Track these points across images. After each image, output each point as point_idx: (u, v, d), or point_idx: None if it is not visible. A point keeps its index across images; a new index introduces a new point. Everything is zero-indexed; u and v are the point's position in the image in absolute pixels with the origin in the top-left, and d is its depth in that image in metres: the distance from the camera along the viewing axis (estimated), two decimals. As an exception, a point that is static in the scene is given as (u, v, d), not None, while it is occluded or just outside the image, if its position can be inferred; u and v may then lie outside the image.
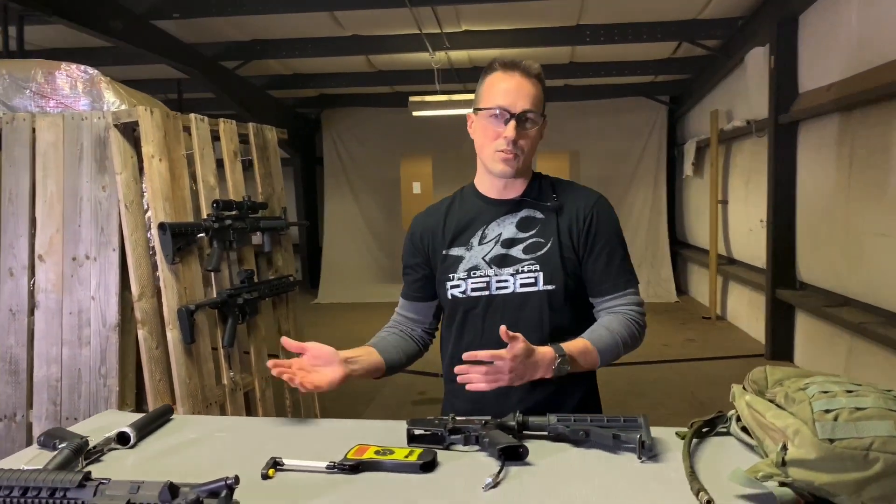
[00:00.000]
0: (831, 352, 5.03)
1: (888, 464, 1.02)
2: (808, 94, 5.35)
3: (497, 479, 1.24)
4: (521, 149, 1.56)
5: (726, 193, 7.33)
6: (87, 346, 2.37)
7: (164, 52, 6.25)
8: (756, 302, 6.46)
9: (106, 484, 1.11)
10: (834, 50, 4.88)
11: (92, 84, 2.51)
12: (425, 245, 1.69)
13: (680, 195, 9.39)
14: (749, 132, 6.43)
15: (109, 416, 1.70)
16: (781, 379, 1.32)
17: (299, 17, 6.10)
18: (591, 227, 1.62)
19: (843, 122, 4.78)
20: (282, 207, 3.02)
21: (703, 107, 8.13)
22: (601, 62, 7.88)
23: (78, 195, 2.40)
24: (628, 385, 5.26)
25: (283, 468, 1.30)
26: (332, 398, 4.99)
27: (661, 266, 9.09)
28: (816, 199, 5.24)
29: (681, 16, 6.30)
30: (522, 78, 1.56)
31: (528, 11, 6.06)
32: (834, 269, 4.99)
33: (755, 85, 6.24)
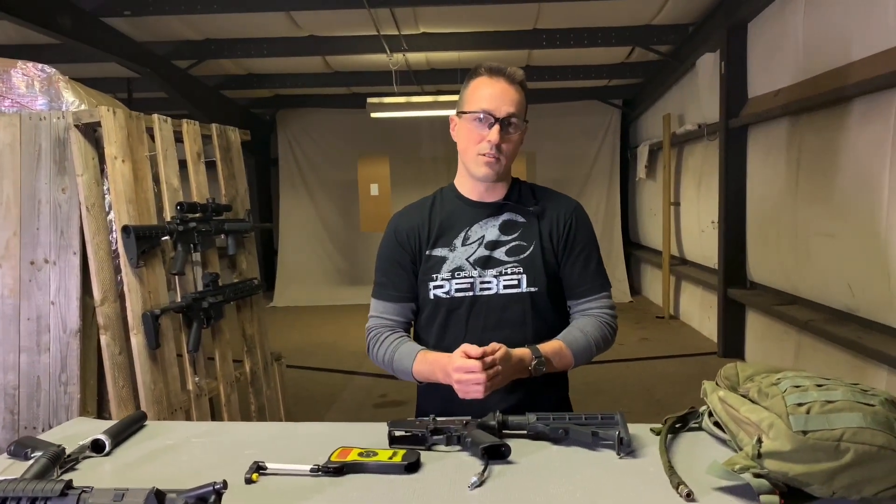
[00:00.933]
0: (780, 348, 5.20)
1: (858, 454, 1.07)
2: (757, 98, 5.52)
3: (482, 478, 1.26)
4: (503, 153, 1.59)
5: (678, 195, 7.50)
6: (46, 353, 2.30)
7: (114, 51, 6.10)
8: (708, 301, 6.63)
9: (89, 492, 1.09)
10: (782, 56, 5.04)
11: (49, 83, 2.44)
12: (412, 243, 1.69)
13: (633, 197, 9.57)
14: (701, 136, 6.60)
15: (80, 423, 1.67)
16: (752, 375, 1.38)
17: (255, 16, 6.02)
18: (570, 232, 1.66)
19: (791, 126, 4.94)
20: (246, 210, 2.98)
21: (655, 110, 8.31)
22: (557, 66, 7.99)
23: (36, 197, 2.33)
24: (585, 384, 5.34)
25: (267, 472, 1.30)
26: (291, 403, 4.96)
27: (615, 267, 9.25)
28: (766, 201, 5.41)
29: (634, 21, 6.43)
30: (507, 84, 1.60)
31: (486, 14, 6.11)
32: (783, 269, 5.16)
33: (706, 90, 6.41)
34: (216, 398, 2.70)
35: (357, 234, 9.43)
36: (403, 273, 1.70)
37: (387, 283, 1.71)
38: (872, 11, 3.84)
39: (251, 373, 2.93)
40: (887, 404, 1.14)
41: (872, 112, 3.90)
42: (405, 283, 1.70)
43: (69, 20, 5.49)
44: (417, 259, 1.68)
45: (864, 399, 1.14)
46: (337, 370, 5.82)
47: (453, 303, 1.65)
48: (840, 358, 4.30)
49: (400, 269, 1.70)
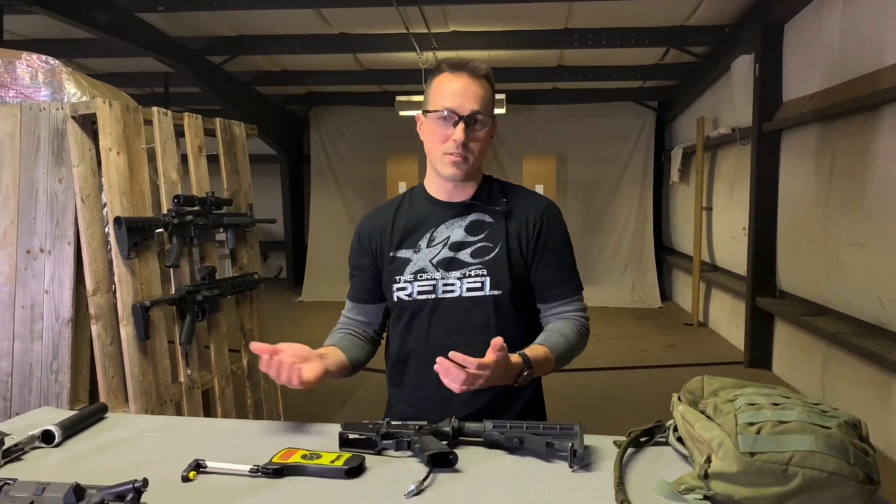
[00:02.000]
0: (808, 360, 5.03)
1: (807, 479, 1.00)
2: (791, 102, 5.34)
3: (421, 487, 1.21)
4: (470, 151, 1.53)
5: (711, 200, 7.33)
6: (39, 341, 2.33)
7: (149, 46, 6.20)
8: (737, 309, 6.46)
9: (11, 484, 1.09)
10: (817, 59, 4.87)
11: (53, 74, 2.47)
12: (373, 246, 1.66)
13: (666, 201, 9.39)
14: (734, 140, 6.43)
15: (46, 412, 1.67)
16: (717, 389, 1.31)
17: (285, 13, 6.06)
18: (540, 234, 1.61)
19: (825, 131, 4.77)
20: (248, 204, 2.98)
21: (690, 113, 8.13)
22: (589, 66, 7.87)
23: (34, 187, 2.36)
24: (604, 389, 5.25)
25: (206, 470, 1.27)
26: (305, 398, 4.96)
27: (645, 272, 9.08)
28: (797, 207, 5.24)
29: (668, 22, 6.30)
30: (470, 79, 1.53)
31: (516, 13, 6.05)
32: (812, 278, 4.99)
33: (740, 92, 6.24)
34: (210, 392, 2.71)
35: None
36: (362, 275, 1.68)
37: (352, 284, 1.71)
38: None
39: (249, 367, 2.93)
40: (846, 427, 1.06)
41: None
42: (366, 285, 1.68)
43: (104, 15, 5.59)
44: (380, 261, 1.65)
45: (820, 421, 1.06)
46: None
47: (416, 305, 1.61)
48: (867, 372, 4.13)
49: (360, 271, 1.68)
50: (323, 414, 4.64)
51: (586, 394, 5.13)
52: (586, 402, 4.94)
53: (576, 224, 9.29)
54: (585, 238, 9.15)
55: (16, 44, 6.03)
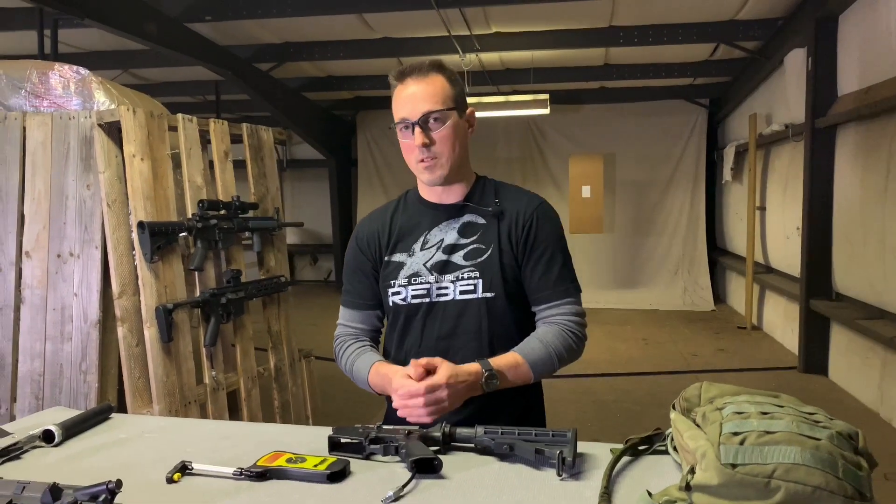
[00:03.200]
0: (865, 365, 4.80)
1: (789, 493, 0.94)
2: (846, 97, 5.12)
3: (400, 493, 1.19)
4: (439, 152, 1.51)
5: (764, 200, 7.09)
6: (68, 342, 2.41)
7: (198, 55, 6.36)
8: (792, 312, 6.21)
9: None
10: (873, 52, 4.65)
11: (83, 84, 2.55)
12: (372, 249, 1.65)
13: (719, 201, 9.12)
14: (787, 137, 6.20)
15: (54, 412, 1.71)
16: (714, 397, 1.24)
17: (328, 19, 6.13)
18: (530, 233, 1.56)
19: (881, 127, 4.55)
20: (275, 208, 3.02)
21: (742, 110, 7.88)
22: (637, 64, 7.72)
23: (64, 193, 2.44)
24: (649, 395, 5.12)
25: (191, 472, 1.28)
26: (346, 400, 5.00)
27: (698, 273, 8.84)
28: (853, 206, 5.01)
29: (717, 17, 6.12)
30: (416, 82, 1.51)
31: (559, 12, 5.97)
32: (870, 280, 4.76)
33: (794, 88, 6.01)
34: (236, 393, 2.74)
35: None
36: (365, 280, 1.65)
37: (351, 290, 1.68)
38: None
39: (276, 369, 2.96)
40: (838, 438, 0.99)
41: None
42: (368, 290, 1.65)
43: (155, 27, 5.76)
44: (378, 265, 1.64)
45: (810, 432, 1.00)
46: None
47: (410, 309, 1.59)
48: (927, 380, 3.92)
49: (362, 275, 1.66)
50: (362, 416, 4.65)
51: (630, 399, 5.02)
52: (630, 408, 4.82)
53: (625, 225, 9.12)
54: (635, 240, 8.96)
55: (74, 56, 6.28)
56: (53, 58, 5.17)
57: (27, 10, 5.26)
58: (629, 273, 9.00)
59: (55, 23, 5.18)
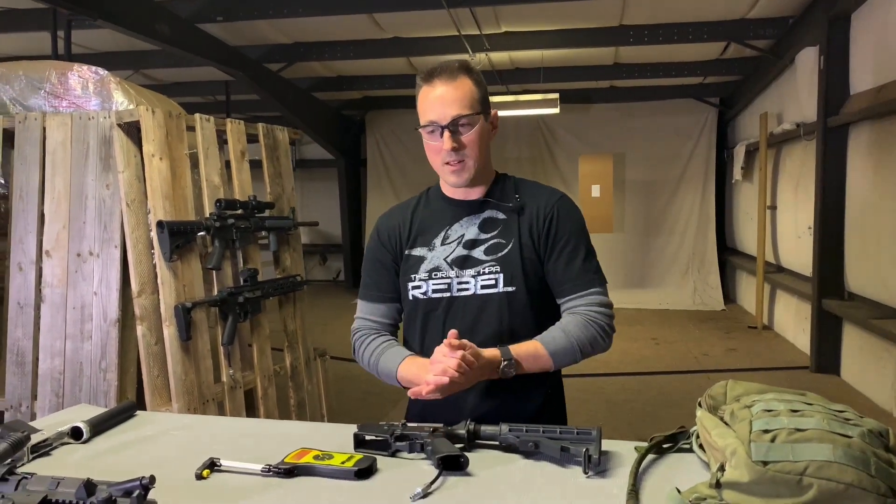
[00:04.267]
0: (879, 366, 4.78)
1: (822, 491, 0.94)
2: (859, 95, 5.10)
3: (428, 490, 1.20)
4: (466, 154, 1.53)
5: (775, 199, 7.06)
6: (88, 341, 2.43)
7: (209, 55, 6.38)
8: (804, 312, 6.19)
9: (28, 479, 1.12)
10: (887, 50, 4.63)
11: (102, 85, 2.57)
12: (393, 243, 1.66)
13: (729, 200, 9.10)
14: (798, 135, 6.18)
15: (81, 409, 1.73)
16: (741, 395, 1.25)
17: (339, 19, 6.14)
18: (551, 227, 1.58)
19: (893, 125, 4.53)
20: (291, 207, 3.03)
21: (753, 109, 7.86)
22: (647, 63, 7.70)
23: (83, 193, 2.46)
24: (661, 395, 5.12)
25: (220, 469, 1.29)
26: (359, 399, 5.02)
27: (708, 273, 8.82)
28: (866, 205, 4.99)
29: (727, 15, 6.10)
30: (444, 84, 1.52)
31: (569, 11, 5.96)
32: (884, 280, 4.74)
33: (805, 87, 5.99)
34: (253, 391, 2.76)
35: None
36: (386, 273, 1.66)
37: (371, 283, 1.68)
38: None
39: (292, 368, 2.97)
40: (870, 436, 1.00)
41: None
42: (388, 283, 1.66)
43: (167, 27, 5.78)
44: (399, 259, 1.65)
45: (841, 429, 1.00)
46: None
47: (430, 304, 1.60)
48: (941, 379, 3.90)
49: (382, 268, 1.66)
50: (376, 414, 4.67)
51: (641, 399, 5.01)
52: (642, 408, 4.82)
53: (634, 225, 9.10)
54: (645, 239, 8.95)
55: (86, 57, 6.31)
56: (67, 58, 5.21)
57: (41, 11, 5.30)
58: (639, 273, 8.98)
59: (69, 24, 5.21)
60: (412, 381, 1.55)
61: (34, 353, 2.48)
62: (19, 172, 2.50)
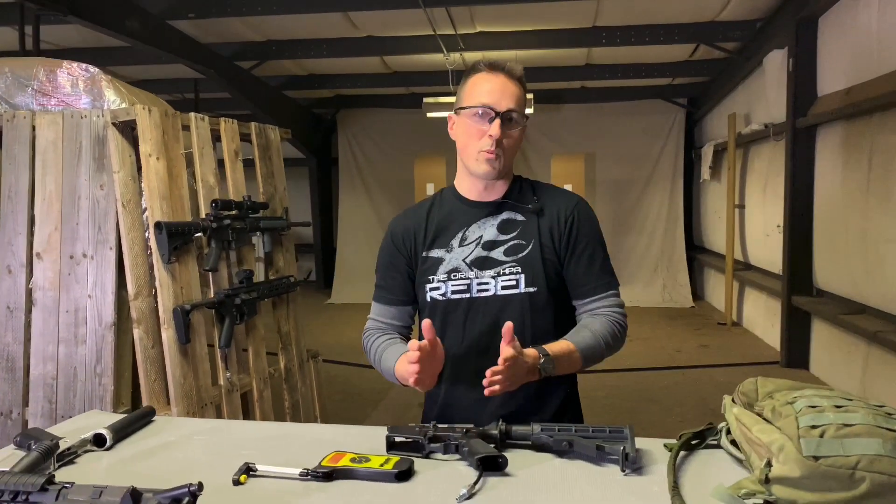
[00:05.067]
0: (847, 360, 4.93)
1: (874, 484, 0.97)
2: (826, 97, 5.25)
3: (472, 490, 1.20)
4: (503, 149, 1.54)
5: (743, 198, 7.23)
6: (82, 345, 2.37)
7: (180, 52, 6.27)
8: (772, 308, 6.35)
9: (69, 488, 1.09)
10: (853, 53, 4.78)
11: (93, 82, 2.51)
12: (408, 245, 1.66)
13: (697, 199, 9.28)
14: (767, 136, 6.33)
15: (93, 416, 1.69)
16: (773, 391, 1.28)
17: (313, 17, 6.10)
18: (572, 229, 1.60)
19: (862, 126, 4.68)
20: (284, 208, 3.00)
21: (721, 110, 8.03)
22: (618, 64, 7.81)
23: (76, 193, 2.40)
24: (638, 391, 5.20)
25: (256, 474, 1.28)
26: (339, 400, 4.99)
27: (676, 271, 8.99)
28: (834, 204, 5.14)
29: (698, 17, 6.22)
30: (507, 79, 1.55)
31: (543, 12, 6.02)
32: (851, 276, 4.89)
33: (773, 88, 6.14)
34: (249, 394, 2.72)
35: (414, 234, 9.46)
36: (399, 276, 1.66)
37: (384, 286, 1.69)
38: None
39: (286, 370, 2.94)
40: (913, 429, 1.03)
41: (950, 111, 3.65)
42: (400, 286, 1.66)
43: (137, 23, 5.66)
44: (414, 262, 1.65)
45: (886, 423, 1.03)
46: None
47: (450, 305, 1.60)
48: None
49: (395, 272, 1.66)
50: (356, 416, 4.66)
51: (620, 395, 5.08)
52: (620, 405, 4.89)
53: (605, 224, 9.13)
54: (615, 238, 9.07)
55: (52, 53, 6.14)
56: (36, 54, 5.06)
57: (7, 5, 5.15)
58: (610, 269, 9.09)
59: (37, 19, 5.07)
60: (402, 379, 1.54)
61: (25, 359, 2.41)
62: (8, 173, 2.43)
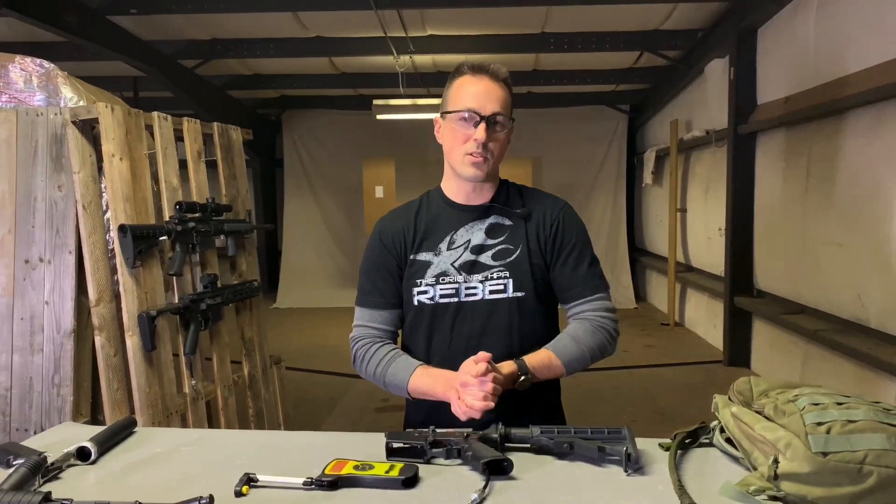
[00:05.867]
0: (787, 358, 5.13)
1: (882, 478, 1.01)
2: (766, 105, 5.45)
3: (483, 495, 1.20)
4: (490, 152, 1.54)
5: (685, 202, 7.44)
6: (39, 354, 2.25)
7: (120, 49, 6.05)
8: (714, 309, 6.56)
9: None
10: (792, 63, 4.98)
11: (48, 79, 2.40)
12: (397, 247, 1.64)
13: (639, 203, 9.51)
14: (708, 142, 6.53)
15: (66, 428, 1.61)
16: (766, 390, 1.32)
17: (261, 16, 5.99)
18: (557, 233, 1.61)
19: (801, 133, 4.88)
20: (247, 210, 2.93)
21: (662, 116, 8.25)
22: (565, 70, 7.94)
23: (32, 195, 2.28)
24: (590, 391, 5.28)
25: (258, 485, 1.24)
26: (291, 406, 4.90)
27: (620, 273, 9.19)
28: (774, 208, 5.34)
29: (643, 26, 6.38)
30: (491, 81, 1.55)
31: (494, 17, 6.07)
32: (791, 277, 5.09)
33: (715, 95, 6.35)
34: (213, 402, 2.65)
35: (361, 237, 9.39)
36: (390, 278, 1.63)
37: (372, 289, 1.65)
38: (885, 18, 3.78)
39: (250, 377, 2.87)
40: (911, 425, 1.08)
41: (884, 120, 3.84)
42: (391, 288, 1.64)
43: (75, 18, 5.45)
44: (403, 264, 1.63)
45: (887, 419, 1.08)
46: (339, 373, 5.76)
47: (437, 309, 1.59)
48: (849, 369, 4.23)
49: (387, 273, 1.63)
50: (312, 422, 4.58)
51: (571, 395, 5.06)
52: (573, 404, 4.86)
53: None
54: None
55: (-22, 47, 5.84)
56: (-35, 48, 4.80)
57: (-65, -4, 4.87)
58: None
59: (-34, 11, 4.81)
60: (427, 394, 1.54)
61: (-25, 369, 2.28)
62: (-45, 172, 2.29)
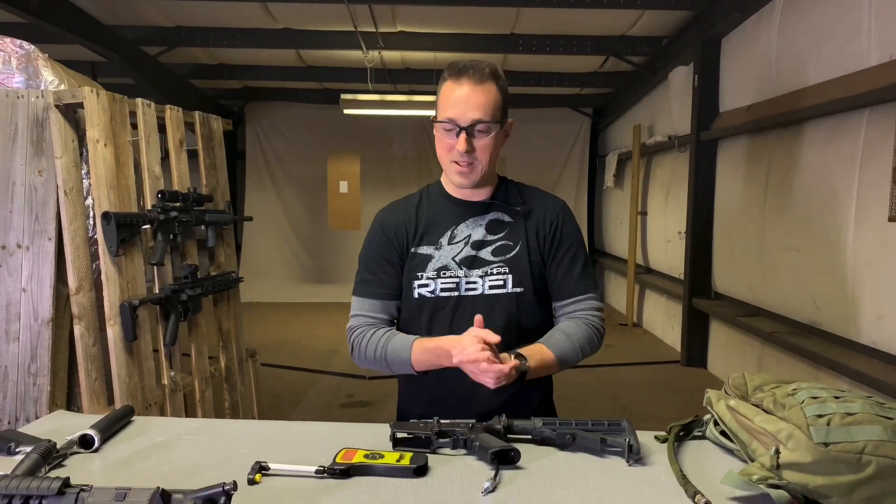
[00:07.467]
0: (743, 359, 5.29)
1: (880, 466, 1.07)
2: (728, 113, 5.61)
3: (495, 483, 1.23)
4: (476, 158, 1.55)
5: (646, 205, 7.59)
6: (15, 342, 2.19)
7: (81, 33, 5.89)
8: (672, 310, 6.72)
9: (88, 491, 1.03)
10: (754, 73, 5.14)
11: (28, 60, 2.33)
12: (399, 239, 1.65)
13: (600, 205, 9.66)
14: (671, 147, 6.68)
15: (60, 417, 1.58)
16: (760, 385, 1.38)
17: (229, 5, 5.90)
18: (556, 232, 1.65)
19: (761, 141, 5.04)
20: (226, 201, 2.90)
21: (625, 120, 8.40)
22: (531, 72, 8.02)
23: (10, 179, 2.22)
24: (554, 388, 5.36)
25: (270, 473, 1.24)
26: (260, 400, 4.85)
27: (579, 273, 9.32)
28: (733, 213, 5.50)
29: (610, 31, 6.49)
30: (472, 85, 1.52)
31: (465, 16, 6.10)
32: (748, 281, 5.25)
33: (677, 102, 6.50)
34: (190, 394, 2.61)
35: (324, 232, 9.33)
36: (391, 269, 1.64)
37: (372, 279, 1.65)
38: (844, 33, 3.93)
39: (226, 369, 2.85)
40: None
41: (842, 130, 3.99)
42: (392, 279, 1.64)
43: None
44: (404, 256, 1.64)
45: (881, 412, 1.14)
46: (303, 368, 5.72)
47: (438, 302, 1.61)
48: (801, 369, 4.39)
49: (387, 265, 1.64)
50: (278, 416, 4.54)
51: (536, 393, 5.22)
52: (537, 401, 5.02)
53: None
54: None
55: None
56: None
57: None
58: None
59: (-82, -12, 4.63)
60: (430, 364, 1.55)
61: (-53, 357, 2.20)
62: (-70, 154, 2.21)
